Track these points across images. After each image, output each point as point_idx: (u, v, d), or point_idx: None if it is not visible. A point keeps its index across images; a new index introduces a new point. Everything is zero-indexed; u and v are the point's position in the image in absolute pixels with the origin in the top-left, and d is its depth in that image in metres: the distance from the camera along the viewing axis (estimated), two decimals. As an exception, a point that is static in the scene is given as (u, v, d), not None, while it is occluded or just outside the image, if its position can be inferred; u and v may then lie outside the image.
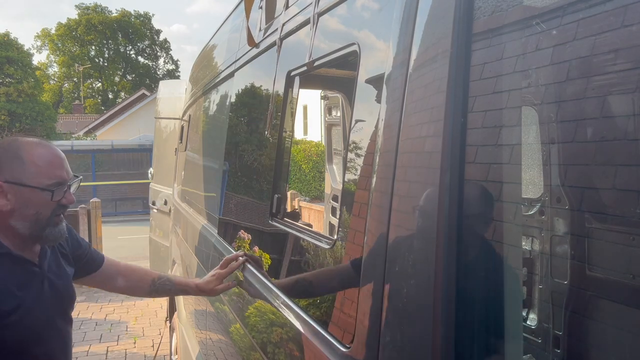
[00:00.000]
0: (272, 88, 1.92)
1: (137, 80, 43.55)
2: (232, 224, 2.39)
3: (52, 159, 1.47)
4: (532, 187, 0.97)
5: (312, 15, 1.51)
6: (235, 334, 2.03)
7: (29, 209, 1.44)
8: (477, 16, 0.85)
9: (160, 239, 5.95)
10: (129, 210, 17.47)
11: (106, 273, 1.81)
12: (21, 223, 1.45)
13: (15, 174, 1.42)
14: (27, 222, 1.45)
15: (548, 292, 0.85)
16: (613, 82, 0.65)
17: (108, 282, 1.83)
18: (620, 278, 0.65)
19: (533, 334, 0.97)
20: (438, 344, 0.81)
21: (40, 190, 1.44)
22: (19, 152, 1.44)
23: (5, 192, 1.42)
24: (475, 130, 0.84)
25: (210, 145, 3.21)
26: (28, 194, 1.43)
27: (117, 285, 1.85)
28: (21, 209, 1.44)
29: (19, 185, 1.42)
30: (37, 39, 43.00)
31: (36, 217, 1.45)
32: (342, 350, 1.11)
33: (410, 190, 0.94)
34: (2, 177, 1.42)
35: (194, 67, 4.48)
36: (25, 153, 1.44)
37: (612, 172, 0.64)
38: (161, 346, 4.85)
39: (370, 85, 1.18)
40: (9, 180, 1.42)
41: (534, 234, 0.95)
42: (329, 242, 1.33)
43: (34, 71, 23.02)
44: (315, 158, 13.44)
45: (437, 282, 0.83)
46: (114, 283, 1.84)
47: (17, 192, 1.42)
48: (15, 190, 1.42)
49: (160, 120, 6.54)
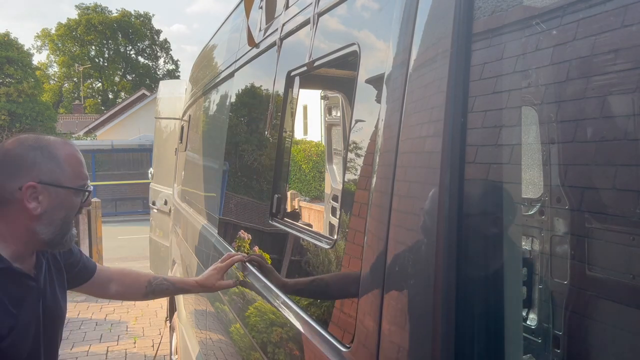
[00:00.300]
0: (272, 88, 1.92)
1: (137, 80, 43.56)
2: (232, 224, 2.39)
3: (80, 158, 1.43)
4: (532, 187, 0.97)
5: (312, 15, 1.51)
6: (235, 334, 2.03)
7: (60, 212, 1.37)
8: (477, 16, 0.85)
9: (160, 239, 5.95)
10: (129, 210, 17.48)
11: (100, 279, 1.73)
12: (46, 227, 1.36)
13: (53, 175, 1.34)
14: (53, 226, 1.37)
15: (548, 292, 0.85)
16: (613, 82, 0.65)
17: (102, 288, 1.76)
18: (620, 278, 0.65)
19: (533, 334, 0.97)
20: (438, 344, 0.81)
21: (75, 192, 1.38)
22: (53, 152, 1.37)
23: (38, 194, 1.33)
24: (475, 130, 0.84)
25: (211, 145, 3.22)
26: (63, 196, 1.36)
27: (112, 291, 1.78)
28: (52, 212, 1.35)
29: (56, 186, 1.34)
30: (37, 39, 43.05)
31: (63, 220, 1.39)
32: (342, 350, 1.11)
33: (410, 190, 0.94)
34: (38, 178, 1.33)
35: (194, 67, 4.48)
36: (59, 152, 1.37)
37: (612, 172, 0.64)
38: (161, 346, 4.85)
39: (370, 85, 1.18)
40: (44, 181, 1.33)
41: (534, 234, 0.95)
42: (329, 242, 1.33)
43: (34, 71, 23.01)
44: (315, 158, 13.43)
45: (437, 282, 0.83)
46: (108, 289, 1.76)
47: (52, 194, 1.34)
48: (50, 192, 1.34)
49: (160, 120, 6.54)
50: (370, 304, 1.02)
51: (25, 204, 1.32)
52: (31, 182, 1.32)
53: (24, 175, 1.32)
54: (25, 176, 1.32)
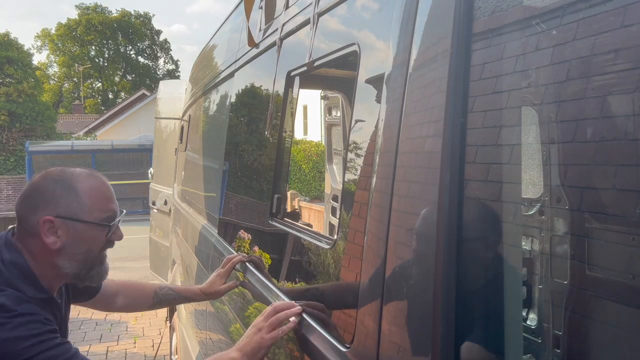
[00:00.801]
0: (272, 88, 1.92)
1: (137, 80, 43.55)
2: (232, 224, 2.39)
3: (105, 191, 1.38)
4: (532, 187, 0.97)
5: (312, 15, 1.51)
6: (235, 334, 2.03)
7: (80, 246, 1.33)
8: (477, 16, 0.85)
9: (160, 239, 5.95)
10: (129, 210, 17.29)
11: (106, 294, 1.70)
12: (68, 262, 1.33)
13: (71, 209, 1.31)
14: (75, 261, 1.33)
15: (548, 292, 0.85)
16: (613, 82, 0.65)
17: (109, 302, 1.73)
18: (620, 278, 0.65)
19: (533, 334, 0.97)
20: (438, 344, 0.81)
21: (96, 226, 1.34)
22: (73, 184, 1.33)
23: (56, 228, 1.30)
24: (475, 130, 0.84)
25: (211, 145, 3.21)
26: (82, 230, 1.32)
27: (119, 304, 1.75)
28: (71, 247, 1.32)
29: (74, 220, 1.31)
30: (37, 39, 43.02)
31: (86, 255, 1.35)
32: (342, 350, 1.11)
33: (410, 190, 0.94)
34: (54, 211, 1.30)
35: (194, 67, 4.48)
36: (80, 185, 1.34)
37: (612, 172, 0.64)
38: (161, 346, 4.85)
39: (370, 85, 1.18)
40: (61, 215, 1.30)
41: (534, 234, 0.95)
42: (329, 242, 1.33)
43: (34, 71, 23.00)
44: (315, 158, 13.44)
45: (437, 282, 0.83)
46: (115, 302, 1.74)
47: (70, 228, 1.31)
48: (68, 226, 1.31)
49: (160, 121, 6.54)
50: (370, 304, 1.02)
51: (43, 238, 1.30)
52: (48, 216, 1.30)
53: (43, 209, 1.31)
54: (44, 210, 1.30)
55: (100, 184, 1.38)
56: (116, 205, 1.40)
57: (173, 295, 1.85)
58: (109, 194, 1.39)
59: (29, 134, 19.63)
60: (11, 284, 1.25)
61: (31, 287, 1.28)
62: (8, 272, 1.27)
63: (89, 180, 1.36)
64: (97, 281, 1.43)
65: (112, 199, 1.39)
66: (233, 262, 1.87)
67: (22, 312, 1.21)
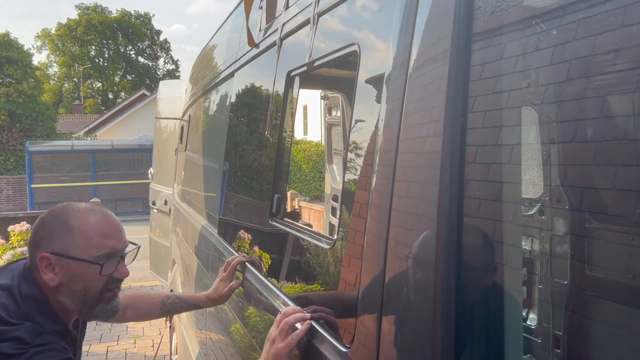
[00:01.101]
0: (272, 88, 1.92)
1: (137, 80, 43.55)
2: (232, 224, 2.39)
3: (103, 228, 1.34)
4: (532, 187, 0.97)
5: (312, 15, 1.51)
6: (235, 334, 2.03)
7: (76, 284, 1.30)
8: (477, 16, 0.85)
9: (160, 239, 5.95)
10: (129, 210, 17.47)
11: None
12: (70, 299, 1.31)
13: (63, 246, 1.29)
14: (75, 298, 1.31)
15: (548, 292, 0.85)
16: (613, 82, 0.65)
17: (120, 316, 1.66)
18: (620, 278, 0.65)
19: (533, 334, 0.97)
20: (438, 344, 0.81)
21: (88, 264, 1.30)
22: (68, 221, 1.31)
23: (53, 265, 1.29)
24: (475, 130, 0.84)
25: (210, 145, 3.21)
26: (75, 267, 1.30)
27: (128, 317, 1.74)
28: (69, 284, 1.30)
29: (66, 257, 1.29)
30: (37, 39, 43.00)
31: (84, 292, 1.32)
32: (342, 350, 1.11)
33: (410, 190, 0.94)
34: (50, 248, 1.29)
35: (194, 67, 4.48)
36: (75, 221, 1.32)
37: (612, 172, 0.64)
38: (161, 346, 4.85)
39: (370, 85, 1.18)
40: (56, 252, 1.29)
41: (534, 234, 0.95)
42: (329, 242, 1.33)
43: (34, 71, 23.00)
44: (315, 158, 13.45)
45: (437, 282, 0.83)
46: (125, 315, 1.71)
47: (65, 265, 1.29)
48: (63, 263, 1.29)
49: (160, 121, 6.54)
50: (370, 304, 1.02)
51: (42, 275, 1.29)
52: (45, 252, 1.29)
53: (41, 246, 1.30)
54: (42, 247, 1.30)
55: (98, 220, 1.34)
56: (119, 242, 1.36)
57: (180, 304, 1.86)
58: (109, 231, 1.35)
59: (29, 134, 19.64)
60: (28, 317, 1.24)
61: (48, 319, 1.27)
62: (25, 306, 1.26)
63: (85, 217, 1.33)
64: (103, 319, 1.39)
65: (110, 235, 1.35)
66: (233, 265, 1.87)
67: (39, 343, 1.20)
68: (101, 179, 17.80)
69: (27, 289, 1.29)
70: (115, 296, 1.39)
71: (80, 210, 1.34)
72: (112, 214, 1.40)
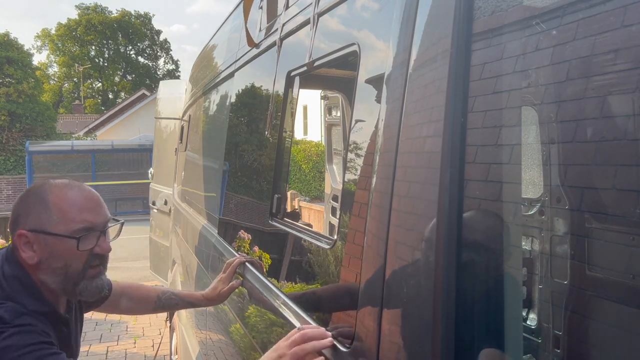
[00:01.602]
0: (272, 88, 1.92)
1: (137, 80, 43.55)
2: (232, 224, 2.39)
3: (80, 202, 1.30)
4: (532, 187, 0.97)
5: (312, 15, 1.51)
6: (235, 334, 2.03)
7: (56, 261, 1.26)
8: (477, 16, 0.85)
9: (160, 239, 5.95)
10: (129, 210, 17.48)
11: (112, 297, 1.65)
12: (51, 277, 1.27)
13: (40, 221, 1.26)
14: (56, 276, 1.27)
15: (548, 292, 0.85)
16: (613, 82, 0.65)
17: (115, 304, 1.69)
18: (620, 278, 0.65)
19: (533, 334, 0.97)
20: (438, 344, 0.81)
21: (64, 238, 1.26)
22: (45, 197, 1.28)
23: (31, 243, 1.26)
24: (475, 130, 0.84)
25: (210, 145, 3.21)
26: (53, 243, 1.26)
27: (123, 307, 1.72)
28: (48, 261, 1.26)
29: (43, 233, 1.25)
30: (37, 39, 43.01)
31: (65, 270, 1.27)
32: (342, 350, 1.11)
33: (410, 190, 0.94)
34: (28, 225, 1.26)
35: (194, 67, 4.48)
36: (51, 197, 1.28)
37: (612, 172, 0.64)
38: (161, 346, 4.85)
39: (370, 85, 1.17)
40: (32, 229, 1.26)
41: (534, 234, 0.95)
42: (329, 242, 1.33)
43: (34, 71, 23.00)
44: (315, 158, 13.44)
45: (437, 282, 0.83)
46: (119, 304, 1.70)
47: (42, 242, 1.26)
48: (40, 240, 1.26)
49: (160, 121, 6.54)
50: (370, 304, 1.02)
51: (21, 253, 1.26)
52: (21, 230, 1.26)
53: (19, 224, 1.28)
54: (20, 224, 1.27)
55: (75, 194, 1.30)
56: (97, 216, 1.31)
57: (176, 301, 1.84)
58: (86, 205, 1.31)
59: (29, 134, 19.64)
60: (11, 298, 1.22)
61: (33, 299, 1.25)
62: (9, 286, 1.24)
63: (62, 191, 1.29)
64: (88, 297, 1.34)
65: (87, 209, 1.30)
66: (233, 266, 1.86)
67: (18, 324, 1.18)
68: (101, 179, 17.80)
69: (10, 269, 1.26)
70: (99, 273, 1.34)
71: (57, 186, 1.31)
72: (91, 188, 1.35)
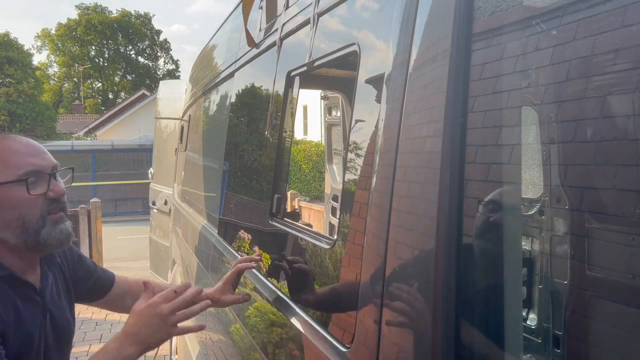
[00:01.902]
0: (272, 88, 1.92)
1: (137, 80, 43.57)
2: (232, 224, 2.39)
3: (22, 149, 1.24)
4: (532, 187, 0.97)
5: (312, 16, 1.51)
6: (235, 334, 2.03)
7: (9, 212, 1.21)
8: (477, 16, 0.85)
9: (160, 239, 5.95)
10: (129, 210, 17.49)
11: (117, 294, 1.61)
12: (9, 232, 1.22)
13: None
14: (14, 229, 1.22)
15: (548, 292, 0.85)
16: (613, 82, 0.65)
17: (118, 303, 1.64)
18: (620, 278, 0.65)
19: (533, 334, 0.97)
20: (438, 344, 0.81)
21: (11, 185, 1.20)
22: None
23: None
24: (475, 130, 0.84)
25: (211, 145, 3.21)
26: (2, 195, 1.20)
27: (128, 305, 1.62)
28: (2, 215, 1.21)
29: None
30: (37, 39, 43.05)
31: (22, 221, 1.22)
32: (342, 350, 1.11)
33: (410, 190, 0.94)
34: None
35: (194, 67, 4.48)
36: None
37: (612, 172, 0.64)
38: (161, 346, 4.85)
39: (370, 85, 1.17)
40: None
41: (534, 234, 0.95)
42: (329, 242, 1.33)
43: (34, 71, 23.03)
44: (315, 158, 13.44)
45: (437, 282, 0.83)
46: (124, 303, 1.62)
47: None
48: None
49: (160, 121, 6.54)
50: (370, 304, 1.02)
51: None
52: None
53: None
54: None
55: (15, 142, 1.26)
56: (42, 160, 1.26)
57: None
58: (29, 151, 1.25)
59: (29, 134, 19.62)
60: None
61: None
62: None
63: (2, 143, 1.25)
64: (56, 245, 1.28)
65: (29, 154, 1.25)
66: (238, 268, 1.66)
67: None
68: (101, 179, 17.80)
69: None
70: (61, 219, 1.27)
71: None
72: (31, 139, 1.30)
